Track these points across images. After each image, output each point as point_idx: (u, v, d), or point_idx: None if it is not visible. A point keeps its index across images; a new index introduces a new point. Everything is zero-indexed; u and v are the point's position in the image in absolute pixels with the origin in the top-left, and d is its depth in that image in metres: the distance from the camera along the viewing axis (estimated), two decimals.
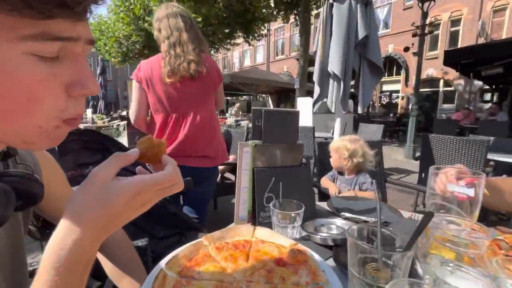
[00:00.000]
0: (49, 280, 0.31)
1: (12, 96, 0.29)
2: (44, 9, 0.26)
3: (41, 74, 0.30)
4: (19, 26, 0.27)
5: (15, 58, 0.28)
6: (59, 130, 0.34)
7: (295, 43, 19.45)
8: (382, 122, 8.68)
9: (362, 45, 2.43)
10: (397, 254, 0.43)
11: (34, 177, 0.43)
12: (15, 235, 0.48)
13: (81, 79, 0.33)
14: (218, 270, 0.55)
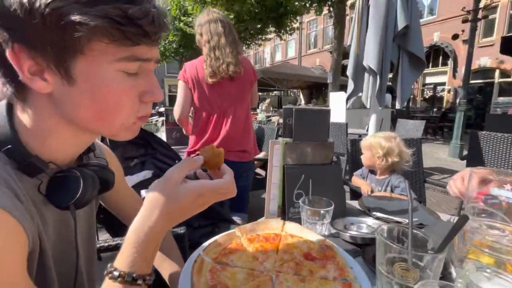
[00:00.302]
0: (130, 255, 0.40)
1: (107, 101, 0.40)
2: (135, 39, 0.37)
3: (126, 86, 0.41)
4: (116, 52, 0.37)
5: (111, 74, 0.39)
6: (135, 125, 0.46)
7: (328, 36, 18.74)
8: (424, 118, 8.03)
9: (402, 36, 2.28)
10: (428, 255, 0.43)
11: (108, 168, 0.54)
12: (90, 215, 0.59)
13: (151, 89, 0.44)
14: (249, 259, 0.59)
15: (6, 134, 0.40)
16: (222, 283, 0.50)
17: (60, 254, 0.49)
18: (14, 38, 0.34)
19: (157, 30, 0.39)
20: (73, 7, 0.33)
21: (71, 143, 0.46)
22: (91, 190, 0.46)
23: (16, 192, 0.38)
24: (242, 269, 0.55)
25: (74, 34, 0.34)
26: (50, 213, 0.46)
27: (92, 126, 0.43)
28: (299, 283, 0.52)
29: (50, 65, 0.36)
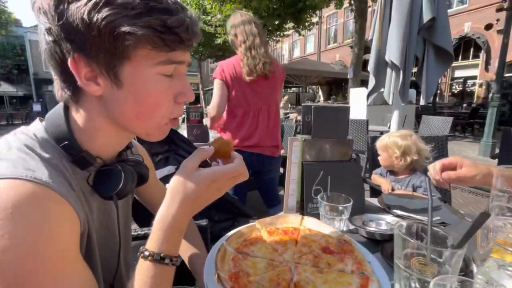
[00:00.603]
0: (158, 239, 0.44)
1: (148, 102, 0.45)
2: (172, 46, 0.42)
3: (164, 87, 0.45)
4: (156, 57, 0.42)
5: (152, 77, 0.44)
6: (167, 126, 0.50)
7: (349, 30, 18.17)
8: (452, 114, 7.61)
9: (427, 29, 2.18)
10: (447, 251, 0.43)
11: (144, 164, 0.59)
12: (127, 206, 0.66)
13: (184, 90, 0.48)
14: (269, 251, 0.62)
15: (64, 131, 0.46)
16: (243, 270, 0.54)
17: (103, 240, 0.55)
18: (75, 48, 0.40)
19: (191, 37, 0.43)
20: (123, 20, 0.38)
21: (113, 141, 0.51)
22: (131, 183, 0.52)
23: (70, 182, 0.44)
24: (263, 259, 0.58)
25: (125, 43, 0.39)
26: (95, 203, 0.52)
27: (132, 125, 0.47)
28: (317, 274, 0.54)
29: (102, 71, 0.42)
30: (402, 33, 2.18)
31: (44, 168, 0.40)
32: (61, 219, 0.39)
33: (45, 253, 0.36)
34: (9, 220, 0.34)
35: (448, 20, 2.20)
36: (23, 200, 0.35)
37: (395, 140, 1.45)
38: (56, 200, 0.39)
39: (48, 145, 0.45)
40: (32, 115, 14.33)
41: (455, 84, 14.28)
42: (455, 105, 11.53)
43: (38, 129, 0.47)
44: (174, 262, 0.44)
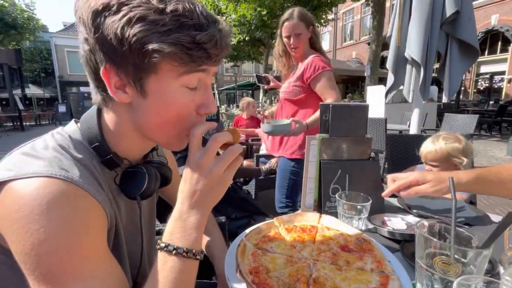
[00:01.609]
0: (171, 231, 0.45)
1: (170, 113, 0.46)
2: (199, 61, 0.43)
3: (186, 100, 0.46)
4: (181, 71, 0.43)
5: (176, 90, 0.44)
6: (187, 138, 0.48)
7: (366, 26, 17.70)
8: (477, 112, 7.23)
9: (450, 23, 2.09)
10: (471, 251, 0.42)
11: (167, 166, 0.62)
12: (151, 205, 0.69)
13: (206, 103, 0.49)
14: (287, 247, 0.63)
15: (95, 133, 0.49)
16: (263, 265, 0.55)
17: (130, 236, 0.58)
18: (107, 59, 0.43)
19: (219, 52, 0.44)
20: (153, 36, 0.40)
21: (138, 145, 0.54)
22: (154, 184, 0.54)
23: (99, 181, 0.48)
24: (281, 255, 0.59)
25: (152, 60, 0.41)
26: (122, 201, 0.55)
27: (153, 134, 0.49)
28: (336, 271, 0.54)
29: (130, 81, 0.44)
30: (423, 28, 2.11)
31: (76, 168, 0.43)
32: (90, 214, 0.42)
33: (77, 244, 0.39)
34: (44, 215, 0.37)
35: (473, 12, 2.10)
36: (56, 197, 0.39)
37: (453, 145, 1.23)
38: (85, 198, 0.42)
39: (81, 146, 0.49)
40: (58, 116, 15.13)
41: (481, 80, 13.55)
42: (480, 102, 10.93)
43: (73, 131, 0.50)
44: (181, 253, 0.44)
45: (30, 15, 18.14)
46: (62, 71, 24.26)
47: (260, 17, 10.62)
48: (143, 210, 0.63)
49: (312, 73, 1.55)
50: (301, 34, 1.59)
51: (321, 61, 1.56)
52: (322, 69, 1.54)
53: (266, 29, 11.55)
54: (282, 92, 1.77)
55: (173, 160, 0.80)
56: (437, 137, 1.29)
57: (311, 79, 1.56)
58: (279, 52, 1.76)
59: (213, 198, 0.47)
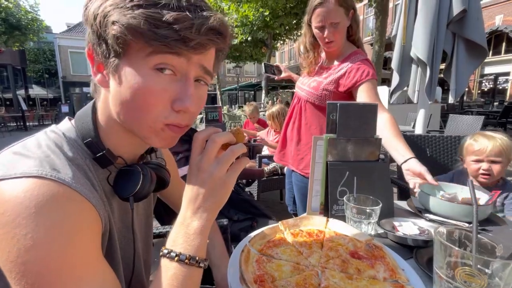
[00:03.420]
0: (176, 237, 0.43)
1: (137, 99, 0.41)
2: (170, 44, 0.38)
3: (156, 86, 0.41)
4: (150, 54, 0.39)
5: (145, 71, 0.40)
6: (164, 132, 0.44)
7: (368, 27, 17.65)
8: (481, 113, 7.16)
9: (457, 22, 2.05)
10: (497, 262, 0.39)
11: (166, 168, 0.59)
12: (148, 208, 0.66)
13: (182, 96, 0.42)
14: (294, 253, 0.59)
15: (89, 128, 0.46)
16: (268, 273, 0.52)
17: (124, 239, 0.55)
18: (90, 37, 0.42)
19: (197, 37, 0.38)
20: (116, 10, 0.38)
21: (127, 141, 0.50)
22: (149, 185, 0.51)
23: (93, 182, 0.45)
24: (287, 262, 0.56)
25: (112, 32, 0.38)
26: (116, 202, 0.52)
27: (130, 126, 0.45)
28: (347, 280, 0.51)
29: (106, 64, 0.42)
30: (430, 27, 2.06)
31: (68, 168, 0.40)
32: (82, 219, 0.39)
33: (67, 251, 0.36)
34: (32, 219, 0.34)
35: (481, 11, 2.06)
36: (46, 199, 0.36)
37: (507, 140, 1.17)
38: (77, 200, 0.39)
39: (75, 144, 0.46)
40: (61, 116, 15.19)
41: (485, 81, 13.45)
42: (485, 103, 10.83)
43: (67, 128, 0.48)
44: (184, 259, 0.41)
45: (34, 16, 18.28)
46: (65, 72, 24.42)
47: (263, 18, 10.61)
48: (138, 212, 0.60)
49: (359, 79, 1.20)
50: (339, 24, 1.19)
51: (370, 66, 1.23)
52: (372, 76, 1.20)
53: (268, 30, 11.55)
54: (305, 91, 1.38)
55: (173, 162, 0.77)
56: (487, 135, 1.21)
57: (356, 86, 1.20)
58: (306, 46, 1.36)
59: (216, 201, 0.44)
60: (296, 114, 1.43)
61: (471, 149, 1.23)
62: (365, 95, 1.18)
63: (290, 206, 1.74)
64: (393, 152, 1.03)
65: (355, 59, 1.25)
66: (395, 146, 1.02)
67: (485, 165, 1.18)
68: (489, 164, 1.18)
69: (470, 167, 1.23)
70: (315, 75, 1.38)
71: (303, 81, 1.43)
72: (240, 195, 1.46)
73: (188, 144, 1.55)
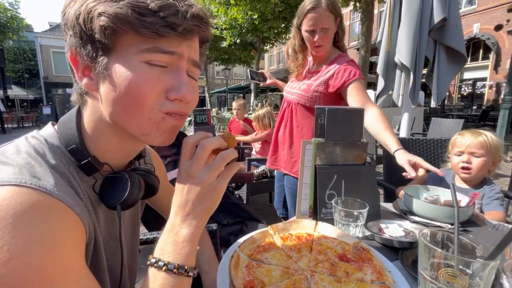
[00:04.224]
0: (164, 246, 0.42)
1: (130, 92, 0.40)
2: (159, 31, 0.38)
3: (149, 76, 0.40)
4: (140, 43, 0.39)
5: (137, 65, 0.40)
6: (166, 122, 0.44)
7: (355, 32, 18.11)
8: (461, 116, 7.47)
9: (438, 30, 2.14)
10: (477, 262, 0.40)
11: (155, 174, 0.57)
12: (135, 216, 0.64)
13: (178, 87, 0.42)
14: (283, 258, 0.59)
15: (73, 135, 0.45)
16: (258, 279, 0.52)
17: (110, 249, 0.53)
18: (72, 42, 0.41)
19: (182, 22, 0.39)
20: (100, 4, 0.38)
21: (117, 146, 0.48)
22: (137, 193, 0.50)
23: (77, 190, 0.43)
24: (277, 267, 0.56)
25: (99, 24, 0.37)
26: (102, 211, 0.50)
27: (124, 123, 0.43)
28: (335, 283, 0.51)
29: (94, 65, 0.41)
30: (412, 34, 2.14)
31: (50, 176, 0.39)
32: (64, 228, 0.37)
33: (46, 265, 0.34)
34: (9, 230, 0.32)
35: (460, 20, 2.16)
36: (25, 209, 0.34)
37: (500, 142, 1.15)
38: (60, 210, 0.38)
39: (58, 151, 0.44)
40: (42, 118, 14.62)
41: (464, 86, 14.06)
42: (464, 107, 11.32)
43: (49, 134, 0.46)
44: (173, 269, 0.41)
45: (14, 14, 17.59)
46: (48, 72, 23.57)
47: (251, 21, 10.67)
48: (125, 220, 0.58)
49: (347, 79, 1.25)
50: (329, 29, 1.26)
51: (356, 67, 1.29)
52: (359, 75, 1.26)
53: (257, 33, 11.62)
54: (295, 94, 1.41)
55: (162, 167, 0.75)
56: (475, 131, 1.20)
57: (345, 86, 1.25)
58: (295, 48, 1.40)
59: (206, 208, 0.43)
60: (287, 117, 1.45)
61: (454, 143, 1.24)
62: (354, 93, 1.24)
63: (279, 210, 1.74)
64: (385, 140, 1.09)
65: (341, 61, 1.31)
66: (386, 138, 1.08)
67: (465, 157, 1.16)
68: (469, 156, 1.15)
69: (453, 161, 1.22)
70: (304, 79, 1.42)
71: (292, 86, 1.47)
72: (229, 199, 1.45)
73: (177, 148, 1.54)
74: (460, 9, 12.86)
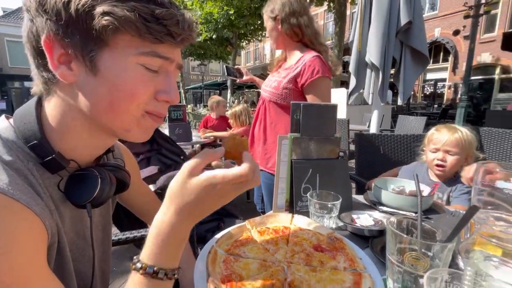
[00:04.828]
0: (152, 248, 0.40)
1: (123, 91, 0.41)
2: (159, 37, 0.39)
3: (144, 78, 0.42)
4: (139, 46, 0.40)
5: (132, 66, 0.40)
6: (145, 120, 0.45)
7: (329, 32, 18.65)
8: (425, 114, 8.05)
9: (404, 32, 2.28)
10: (437, 245, 0.44)
11: (125, 169, 0.55)
12: (106, 214, 0.60)
13: (167, 89, 0.45)
14: (261, 251, 0.60)
15: (33, 129, 0.41)
16: (236, 272, 0.52)
17: (78, 250, 0.50)
18: (50, 26, 0.37)
19: (181, 32, 0.41)
20: (105, 1, 0.36)
21: (88, 141, 0.46)
22: (108, 190, 0.47)
23: (36, 189, 0.40)
24: (255, 260, 0.57)
25: (103, 23, 0.36)
26: (68, 210, 0.47)
27: (105, 118, 0.43)
28: (311, 273, 0.53)
29: (78, 55, 0.38)
30: (381, 35, 2.26)
31: (3, 173, 0.36)
32: (21, 230, 0.34)
33: (2, 269, 0.32)
34: None
35: (424, 24, 2.31)
36: None
37: (474, 138, 1.17)
38: (14, 210, 0.35)
39: (13, 146, 0.40)
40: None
41: (427, 86, 15.15)
42: (427, 105, 12.21)
43: (4, 128, 0.42)
44: (170, 276, 0.40)
45: None
46: (2, 63, 21.35)
47: (227, 16, 10.54)
48: (95, 219, 0.55)
49: (309, 77, 1.28)
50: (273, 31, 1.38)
51: (320, 64, 1.29)
52: (322, 73, 1.27)
53: (233, 29, 11.50)
54: (267, 91, 1.44)
55: (134, 162, 0.72)
56: (451, 127, 1.22)
57: (307, 84, 1.29)
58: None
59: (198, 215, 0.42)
60: (261, 114, 1.48)
61: (431, 138, 1.25)
62: (312, 92, 1.30)
63: (258, 205, 1.76)
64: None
65: (307, 57, 1.33)
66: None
67: (440, 155, 1.17)
68: (444, 154, 1.17)
69: (428, 157, 1.23)
70: (277, 75, 1.45)
71: (265, 83, 1.50)
72: None
73: (150, 145, 1.48)
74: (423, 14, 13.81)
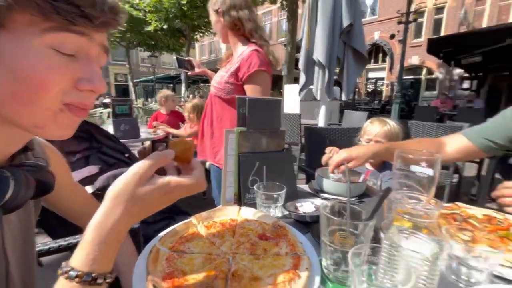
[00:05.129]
0: (91, 253, 0.37)
1: (28, 80, 0.35)
2: (68, 17, 0.33)
3: (56, 64, 0.36)
4: (42, 23, 0.33)
5: (38, 49, 0.34)
6: (63, 115, 0.39)
7: (283, 29, 19.18)
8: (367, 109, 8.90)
9: (347, 33, 2.47)
10: (361, 223, 0.50)
11: (48, 169, 0.48)
12: (26, 221, 0.53)
13: (90, 76, 0.39)
14: (206, 245, 0.60)
15: None
16: (179, 269, 0.51)
17: None
18: None
19: (99, 14, 0.36)
20: None
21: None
22: (24, 192, 0.42)
23: None
24: (199, 254, 0.56)
25: None
26: None
27: (11, 112, 0.37)
28: (255, 261, 0.55)
29: None
30: (327, 35, 2.41)
31: None
32: None
33: None
34: None
35: (363, 27, 2.54)
36: None
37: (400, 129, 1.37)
38: None
39: None
40: None
41: (369, 84, 16.75)
42: (369, 101, 13.54)
43: None
44: (108, 280, 0.38)
45: None
46: None
47: (179, 6, 10.04)
48: (12, 226, 0.49)
49: (246, 71, 1.31)
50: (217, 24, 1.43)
51: (258, 58, 1.31)
52: (258, 66, 1.29)
53: (186, 20, 11.02)
54: (213, 86, 1.46)
55: (62, 162, 0.64)
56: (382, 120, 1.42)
57: (245, 78, 1.32)
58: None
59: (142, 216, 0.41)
60: (209, 109, 1.50)
61: (366, 130, 1.45)
62: (249, 86, 1.33)
63: (217, 199, 1.76)
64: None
65: (246, 51, 1.36)
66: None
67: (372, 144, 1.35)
68: (375, 143, 1.35)
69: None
70: (223, 69, 1.47)
71: (214, 78, 1.52)
72: None
73: (88, 142, 1.34)
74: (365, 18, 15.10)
